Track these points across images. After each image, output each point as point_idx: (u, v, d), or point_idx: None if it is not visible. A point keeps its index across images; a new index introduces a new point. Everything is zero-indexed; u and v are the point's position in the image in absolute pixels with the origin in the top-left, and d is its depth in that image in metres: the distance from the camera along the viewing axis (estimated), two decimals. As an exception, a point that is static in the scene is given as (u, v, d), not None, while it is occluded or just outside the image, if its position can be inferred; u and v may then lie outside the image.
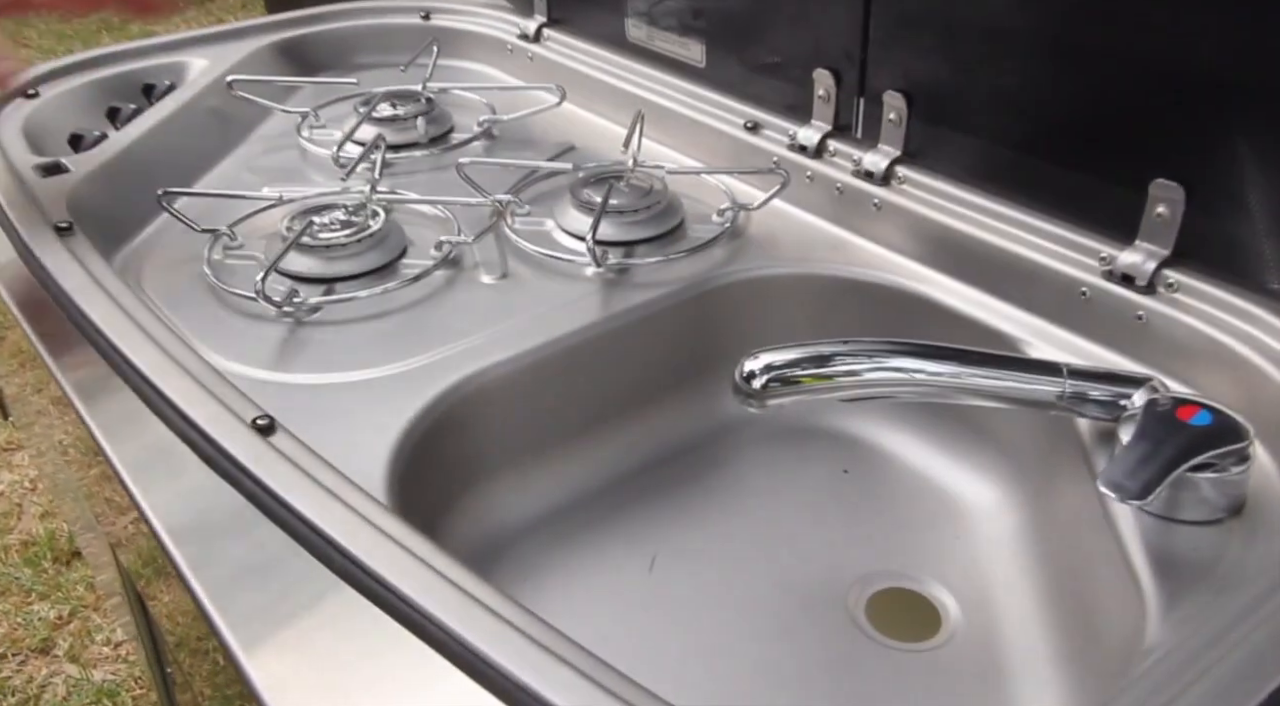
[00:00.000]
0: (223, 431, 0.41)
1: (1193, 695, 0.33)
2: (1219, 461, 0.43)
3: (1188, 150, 0.50)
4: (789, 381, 0.48)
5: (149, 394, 0.43)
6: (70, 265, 0.52)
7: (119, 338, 0.46)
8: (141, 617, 0.54)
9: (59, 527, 1.45)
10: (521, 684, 0.31)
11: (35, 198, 0.59)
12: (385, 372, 0.53)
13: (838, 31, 0.65)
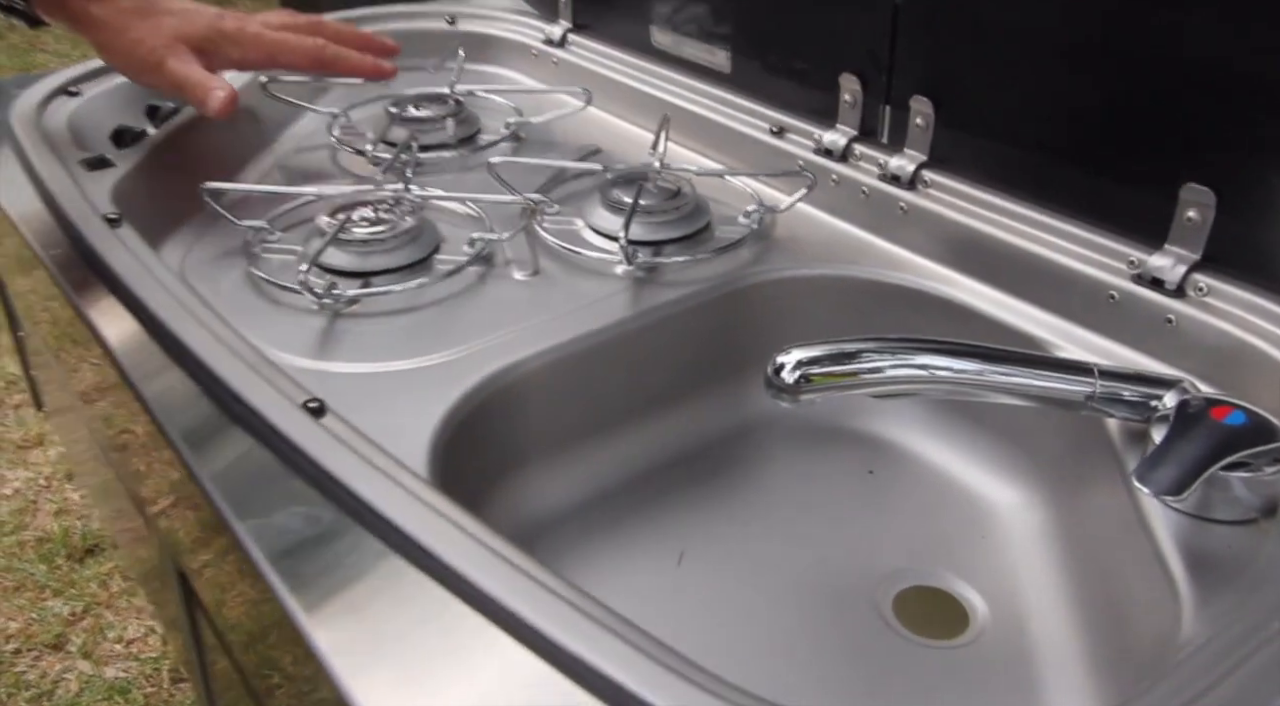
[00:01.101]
0: (276, 412, 0.42)
1: (1228, 686, 0.33)
2: (1253, 461, 0.43)
3: (1219, 154, 0.51)
4: (820, 377, 0.49)
5: (203, 377, 0.44)
6: (122, 254, 0.53)
7: (174, 322, 0.47)
8: (183, 604, 0.55)
9: (73, 525, 1.45)
10: (572, 652, 0.31)
11: (83, 190, 0.60)
12: (423, 363, 0.54)
13: (864, 37, 0.66)
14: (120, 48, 0.63)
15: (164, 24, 0.63)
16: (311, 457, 0.40)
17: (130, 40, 0.62)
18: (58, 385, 0.78)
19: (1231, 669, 0.35)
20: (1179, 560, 0.43)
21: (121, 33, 0.62)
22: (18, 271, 0.69)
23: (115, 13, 0.62)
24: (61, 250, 0.55)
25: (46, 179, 0.62)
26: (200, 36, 0.64)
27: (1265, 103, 0.48)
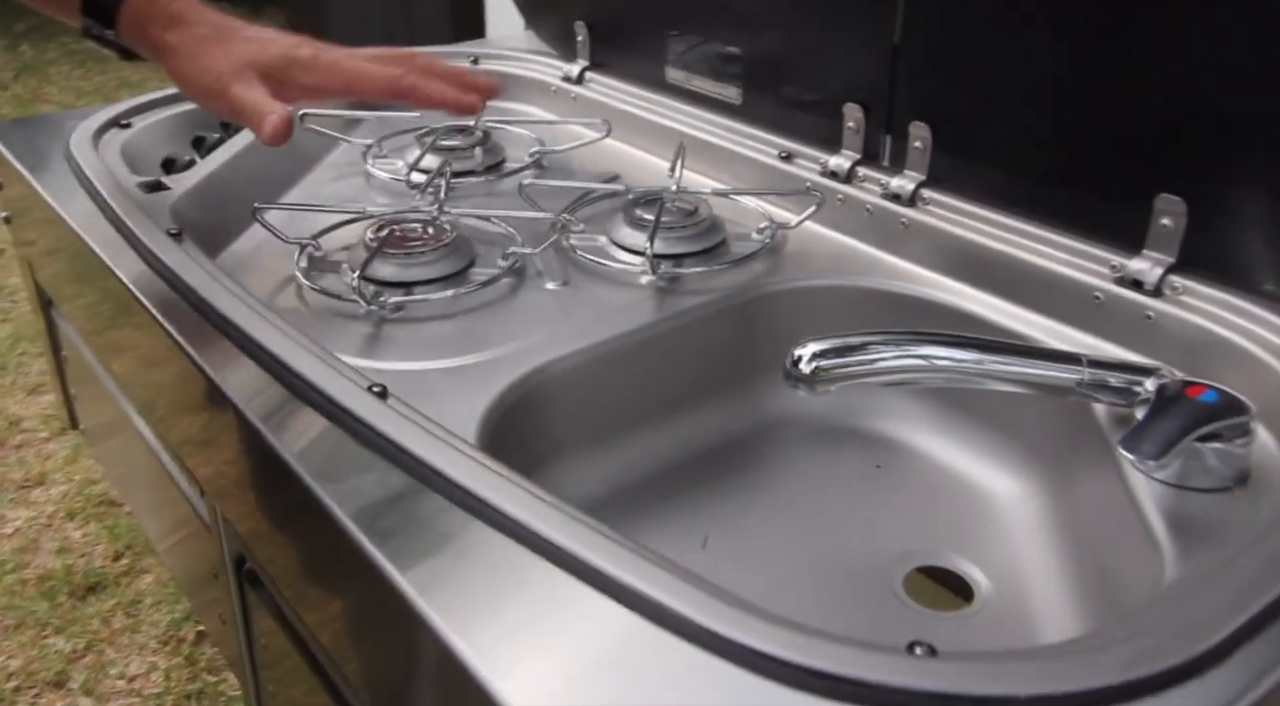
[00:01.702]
0: (347, 394, 0.46)
1: (1207, 601, 0.38)
2: (1225, 433, 0.48)
3: (1188, 167, 0.56)
4: (834, 367, 0.53)
5: (276, 368, 0.49)
6: (190, 264, 0.58)
7: (245, 322, 0.52)
8: (238, 597, 0.59)
9: (75, 562, 1.48)
10: (657, 600, 0.36)
11: (145, 210, 0.65)
12: (465, 362, 0.59)
13: (867, 70, 0.72)
14: (190, 73, 0.62)
15: (236, 51, 0.62)
16: (382, 431, 0.44)
17: (200, 67, 0.61)
18: (100, 400, 0.82)
19: (1210, 589, 0.39)
20: (1162, 524, 0.47)
21: (193, 59, 0.61)
22: (75, 287, 0.74)
23: (190, 40, 0.61)
24: (130, 265, 0.59)
25: (111, 200, 0.67)
26: (272, 63, 0.62)
27: (1227, 121, 0.54)
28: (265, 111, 0.62)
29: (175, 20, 0.61)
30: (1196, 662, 0.34)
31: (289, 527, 0.48)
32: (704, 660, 0.34)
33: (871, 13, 0.70)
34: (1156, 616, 0.37)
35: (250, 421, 0.46)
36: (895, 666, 0.33)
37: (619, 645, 0.35)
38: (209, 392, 0.51)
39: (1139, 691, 0.32)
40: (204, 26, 0.61)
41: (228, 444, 0.52)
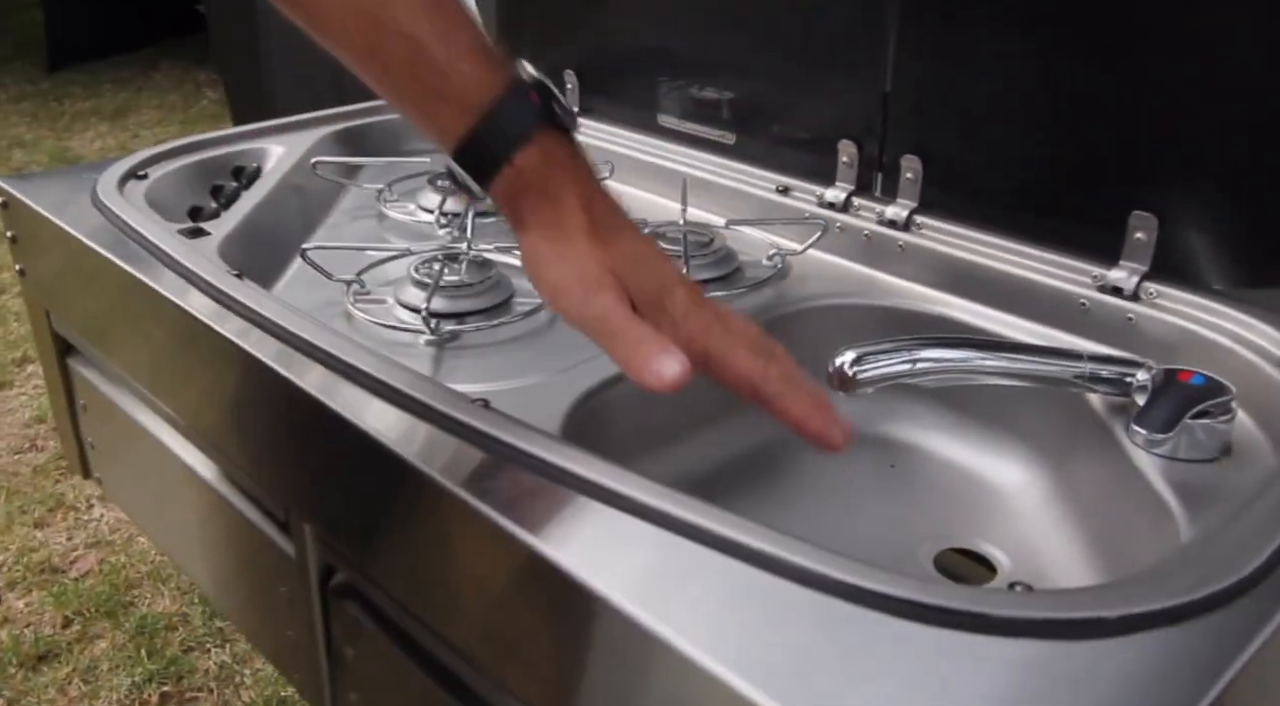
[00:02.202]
0: (455, 407, 0.51)
1: (1232, 542, 0.45)
2: (1212, 410, 0.56)
3: (1157, 188, 0.65)
4: (872, 370, 0.60)
5: (379, 388, 0.53)
6: (268, 300, 0.61)
7: (339, 350, 0.56)
8: (321, 622, 0.61)
9: (22, 633, 1.44)
10: (768, 552, 0.41)
11: (198, 253, 0.69)
12: (525, 383, 0.64)
13: (860, 110, 0.80)
14: (550, 261, 0.50)
15: (610, 258, 0.50)
16: (495, 436, 0.49)
17: (564, 260, 0.50)
18: (130, 443, 0.83)
19: (1227, 535, 0.47)
20: (1169, 491, 0.55)
21: (558, 245, 0.50)
22: (119, 331, 0.76)
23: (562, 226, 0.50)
24: (205, 305, 0.63)
25: (164, 246, 0.70)
26: (642, 294, 0.50)
27: (1189, 149, 0.63)
28: (655, 349, 0.48)
29: (552, 199, 0.50)
30: (1242, 583, 0.41)
31: (413, 533, 0.51)
32: (852, 609, 0.40)
33: (863, 59, 0.78)
34: (1198, 554, 0.44)
35: (372, 437, 0.50)
36: (1007, 601, 0.39)
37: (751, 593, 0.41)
38: (316, 416, 0.54)
39: (1204, 607, 0.39)
40: (579, 216, 0.50)
41: (333, 463, 0.55)
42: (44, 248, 0.81)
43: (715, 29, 0.91)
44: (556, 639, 0.44)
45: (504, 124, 0.48)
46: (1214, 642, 0.39)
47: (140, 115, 3.73)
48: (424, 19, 0.47)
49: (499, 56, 0.50)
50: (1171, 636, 0.39)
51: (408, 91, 0.49)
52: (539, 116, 0.49)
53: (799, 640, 0.39)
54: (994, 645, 0.38)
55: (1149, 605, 0.39)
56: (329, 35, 0.49)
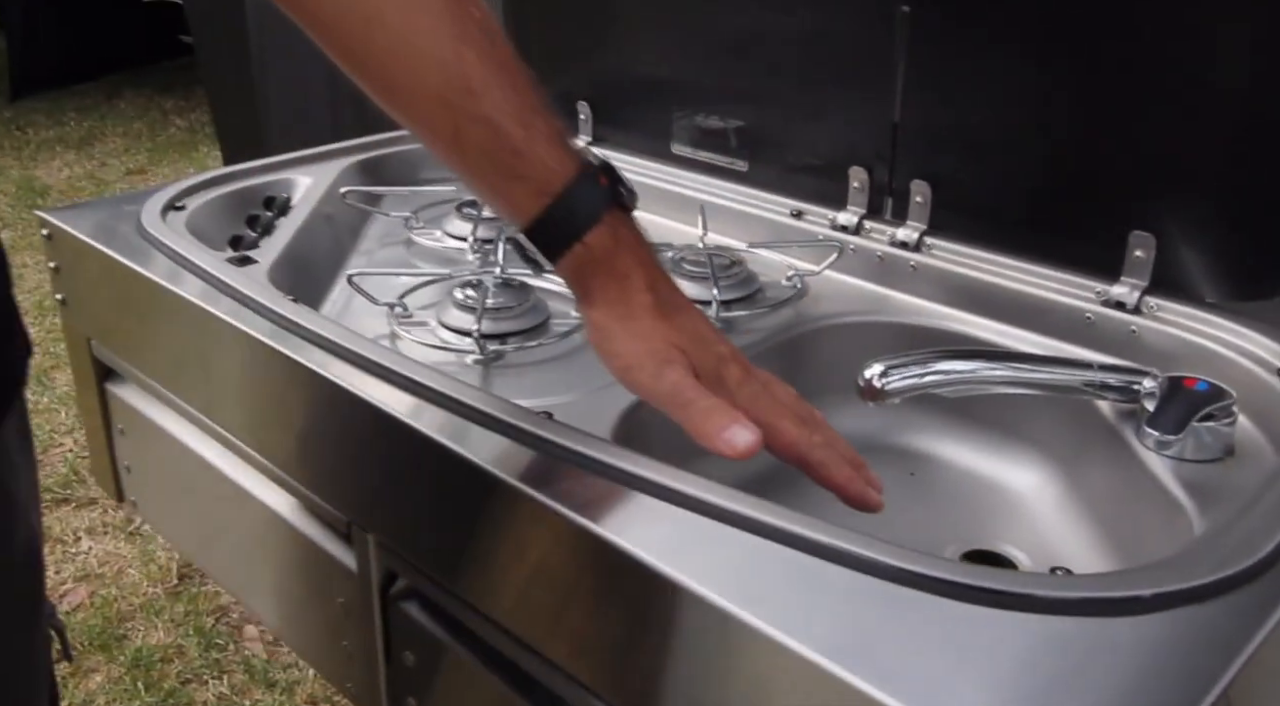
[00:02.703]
0: (517, 416, 0.54)
1: (1245, 531, 0.49)
2: (1216, 414, 0.61)
3: (1155, 209, 0.70)
4: (900, 381, 0.64)
5: (449, 403, 0.56)
6: (330, 323, 0.65)
7: (408, 370, 0.59)
8: (381, 630, 0.64)
9: None
10: (798, 533, 0.45)
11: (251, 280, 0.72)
12: (570, 399, 0.67)
13: (870, 136, 0.85)
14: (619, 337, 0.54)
15: (672, 334, 0.54)
16: (562, 444, 0.53)
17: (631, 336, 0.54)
18: (171, 465, 0.86)
19: (1241, 525, 0.51)
20: (1180, 490, 0.60)
21: (625, 323, 0.54)
22: (171, 356, 0.79)
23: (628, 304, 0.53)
24: (269, 329, 0.66)
25: (220, 274, 0.73)
26: (701, 367, 0.55)
27: (1184, 173, 0.69)
28: (727, 421, 0.53)
29: (619, 278, 0.53)
30: (1257, 567, 0.45)
31: (487, 537, 0.55)
32: (914, 594, 0.43)
33: (872, 89, 0.83)
34: (1215, 543, 0.49)
35: (449, 448, 0.54)
36: (1051, 583, 0.43)
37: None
38: (386, 432, 0.57)
39: (1226, 587, 0.44)
40: (645, 295, 0.54)
41: (403, 475, 0.58)
42: (89, 277, 0.84)
43: (727, 59, 0.96)
44: (633, 628, 0.48)
45: (576, 205, 0.52)
46: (1236, 617, 0.43)
47: (106, 143, 3.73)
48: (508, 108, 0.50)
49: (571, 140, 0.54)
50: (1199, 612, 0.43)
51: (485, 171, 0.52)
52: (608, 198, 0.53)
53: (871, 622, 0.43)
54: (1042, 622, 0.42)
55: (1178, 585, 0.43)
56: (414, 120, 0.52)
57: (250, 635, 1.59)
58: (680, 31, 1.00)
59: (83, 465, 1.96)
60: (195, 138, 3.80)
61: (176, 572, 1.71)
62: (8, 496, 0.51)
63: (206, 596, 1.66)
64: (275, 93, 2.12)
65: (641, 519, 0.49)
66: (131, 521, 1.83)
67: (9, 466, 0.51)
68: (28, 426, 0.54)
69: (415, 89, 0.50)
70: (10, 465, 0.51)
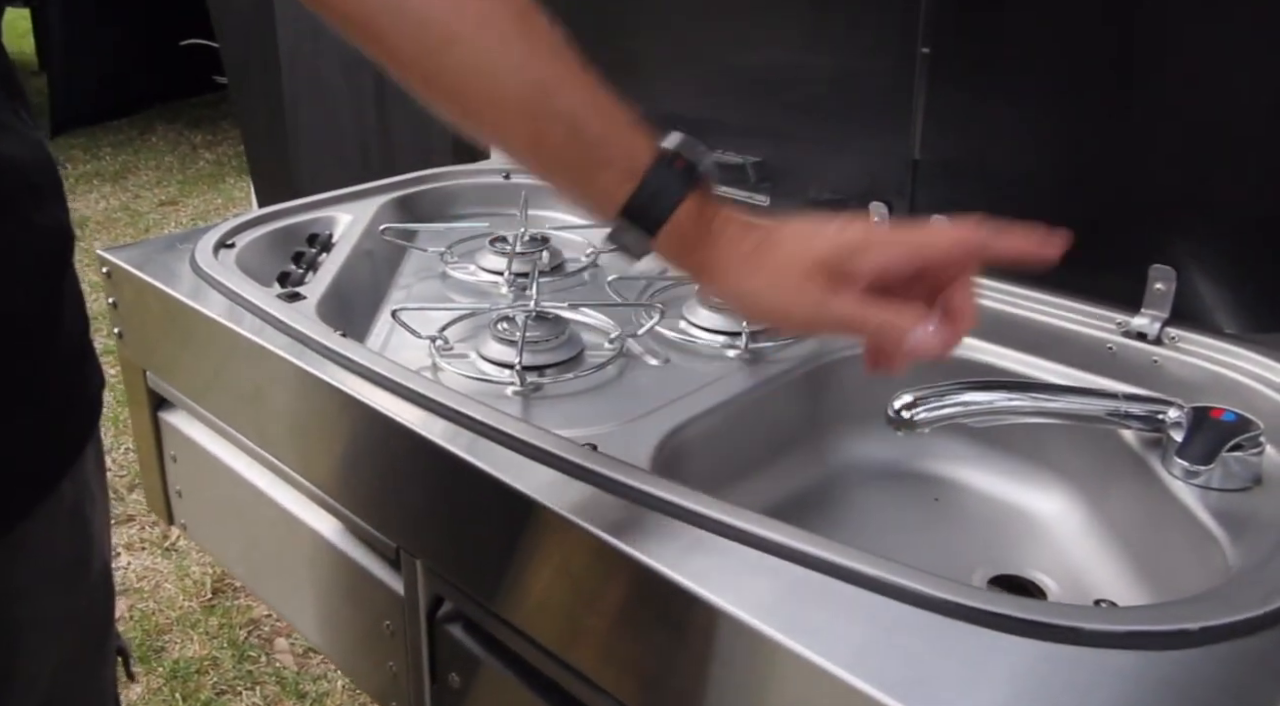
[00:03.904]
0: (563, 448, 0.57)
1: (1276, 570, 0.51)
2: (1245, 444, 0.63)
3: (1174, 242, 0.72)
4: (929, 410, 0.66)
5: (498, 436, 0.59)
6: (380, 359, 0.68)
7: (458, 404, 0.62)
8: (428, 648, 0.67)
9: None
10: (822, 557, 0.47)
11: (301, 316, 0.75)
12: (606, 429, 0.69)
13: (890, 172, 0.87)
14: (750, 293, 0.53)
15: (789, 260, 0.52)
16: (605, 475, 0.55)
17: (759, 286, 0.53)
18: (222, 489, 0.89)
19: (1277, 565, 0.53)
20: (1210, 519, 0.61)
21: (750, 278, 0.53)
22: (225, 387, 0.82)
23: (738, 258, 0.53)
24: (316, 361, 0.70)
25: (273, 311, 0.76)
26: (829, 258, 0.52)
27: (1201, 207, 0.71)
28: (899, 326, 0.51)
29: (717, 238, 0.54)
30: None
31: (530, 563, 0.57)
32: (956, 624, 0.45)
33: (892, 127, 0.86)
34: (1257, 575, 0.50)
35: (497, 479, 0.56)
36: (1095, 615, 0.45)
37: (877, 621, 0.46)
38: (436, 462, 0.60)
39: (1274, 620, 0.45)
40: (747, 242, 0.54)
41: (450, 503, 0.61)
42: (147, 312, 0.87)
43: (749, 97, 0.99)
44: (674, 652, 0.50)
45: (662, 185, 0.53)
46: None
47: (139, 176, 3.83)
48: (583, 101, 0.53)
49: (645, 125, 0.54)
50: (1248, 646, 0.45)
51: (566, 165, 0.54)
52: (691, 174, 0.54)
53: (916, 651, 0.44)
54: (1087, 655, 0.44)
55: (1225, 618, 0.45)
56: (494, 129, 0.54)
57: (281, 647, 1.63)
58: (703, 71, 1.03)
59: (121, 483, 2.01)
60: (223, 170, 3.89)
61: (210, 587, 1.74)
62: (86, 526, 0.54)
63: (239, 610, 1.69)
64: (306, 131, 2.17)
65: (682, 547, 0.51)
66: (168, 537, 1.87)
67: (89, 497, 0.54)
68: (103, 458, 0.57)
69: (494, 99, 0.52)
70: (90, 496, 0.54)
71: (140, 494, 1.96)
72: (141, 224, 3.37)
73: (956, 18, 0.81)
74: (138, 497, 1.95)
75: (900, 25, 0.83)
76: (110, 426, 2.18)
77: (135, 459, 2.08)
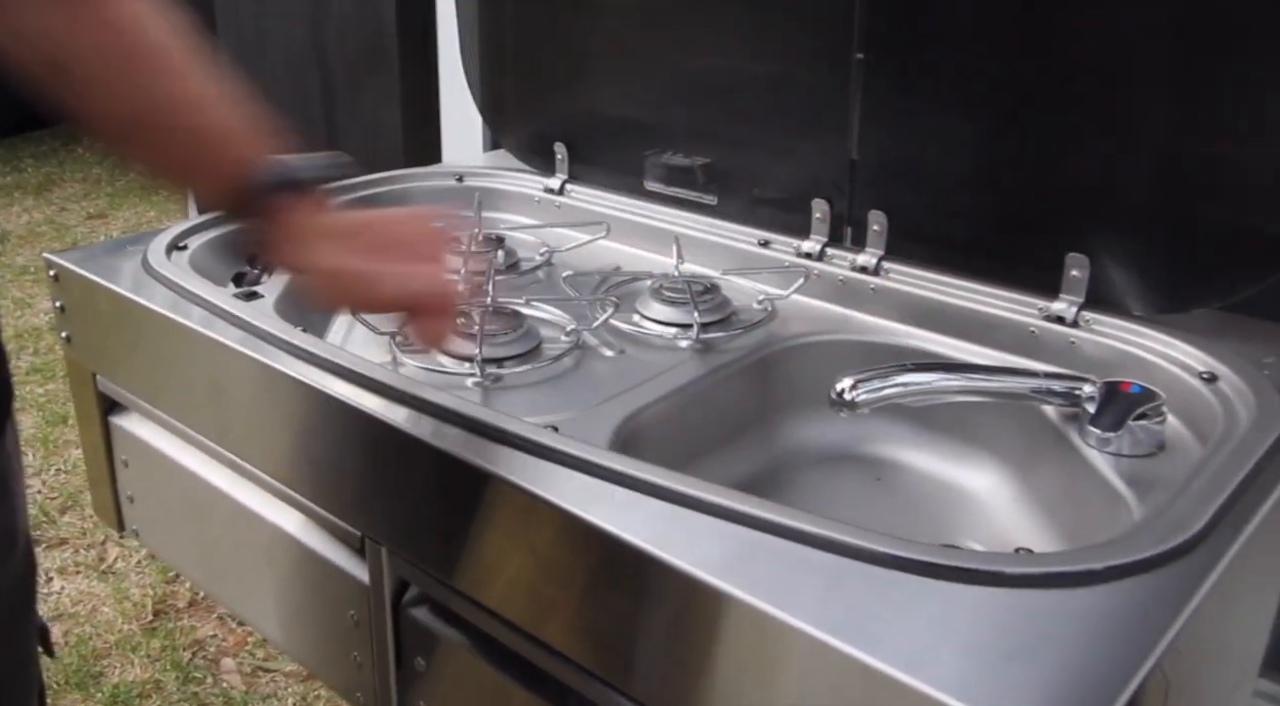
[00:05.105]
0: (525, 429, 0.60)
1: (1179, 514, 0.56)
2: (1149, 413, 0.69)
3: (1088, 233, 0.78)
4: (869, 392, 0.71)
5: (461, 421, 0.62)
6: (343, 352, 0.70)
7: (424, 393, 0.64)
8: (394, 630, 0.69)
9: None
10: (775, 521, 0.51)
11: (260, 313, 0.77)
12: (566, 416, 0.72)
13: (830, 171, 0.92)
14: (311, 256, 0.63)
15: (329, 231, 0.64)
16: (570, 452, 0.58)
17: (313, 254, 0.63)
18: (174, 492, 0.90)
19: (1172, 509, 0.58)
20: (1120, 481, 0.67)
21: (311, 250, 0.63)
22: (179, 385, 0.83)
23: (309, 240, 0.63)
24: (277, 356, 0.72)
25: (233, 310, 0.78)
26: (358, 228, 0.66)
27: (1113, 201, 0.77)
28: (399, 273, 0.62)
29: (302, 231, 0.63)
30: (1192, 541, 0.52)
31: (495, 540, 0.60)
32: (894, 574, 0.49)
33: (831, 129, 0.91)
34: (1156, 523, 0.55)
35: (463, 459, 0.59)
36: (1015, 560, 0.50)
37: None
38: (402, 447, 0.62)
39: (1168, 558, 0.50)
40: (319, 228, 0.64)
41: (416, 489, 0.63)
42: (97, 314, 0.88)
43: (694, 102, 1.03)
44: (635, 614, 0.53)
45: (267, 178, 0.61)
46: (1176, 584, 0.50)
47: (65, 188, 3.73)
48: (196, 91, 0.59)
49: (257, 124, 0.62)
50: (1147, 581, 0.50)
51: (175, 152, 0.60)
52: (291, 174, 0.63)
53: (857, 599, 0.48)
54: (1008, 595, 0.48)
55: (1125, 558, 0.50)
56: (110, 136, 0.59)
57: (228, 667, 1.61)
58: (650, 76, 1.07)
59: (52, 505, 1.96)
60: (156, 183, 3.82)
61: (151, 608, 1.71)
62: (12, 498, 0.56)
63: (183, 631, 1.67)
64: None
65: (641, 516, 0.55)
66: (104, 559, 1.83)
67: (13, 470, 0.56)
68: (19, 441, 0.61)
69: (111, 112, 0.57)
70: (14, 470, 0.56)
71: (73, 515, 1.92)
72: (69, 237, 3.29)
73: (889, 26, 0.86)
74: (70, 520, 1.91)
75: (837, 33, 0.88)
76: (40, 447, 2.13)
77: (67, 480, 2.04)
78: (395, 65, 1.70)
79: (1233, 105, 0.72)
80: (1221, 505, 0.55)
